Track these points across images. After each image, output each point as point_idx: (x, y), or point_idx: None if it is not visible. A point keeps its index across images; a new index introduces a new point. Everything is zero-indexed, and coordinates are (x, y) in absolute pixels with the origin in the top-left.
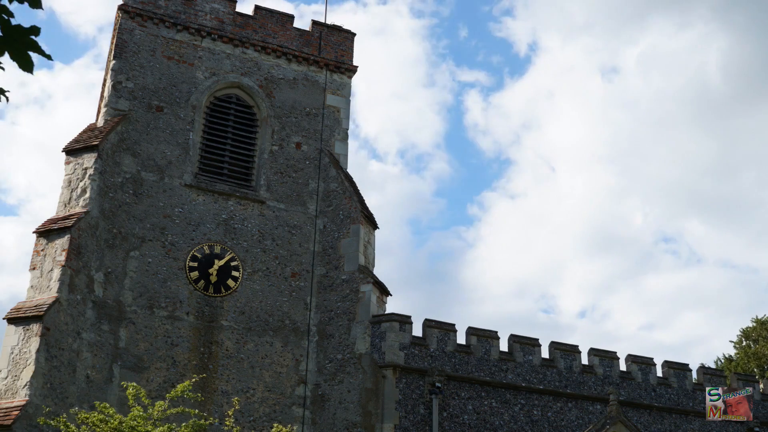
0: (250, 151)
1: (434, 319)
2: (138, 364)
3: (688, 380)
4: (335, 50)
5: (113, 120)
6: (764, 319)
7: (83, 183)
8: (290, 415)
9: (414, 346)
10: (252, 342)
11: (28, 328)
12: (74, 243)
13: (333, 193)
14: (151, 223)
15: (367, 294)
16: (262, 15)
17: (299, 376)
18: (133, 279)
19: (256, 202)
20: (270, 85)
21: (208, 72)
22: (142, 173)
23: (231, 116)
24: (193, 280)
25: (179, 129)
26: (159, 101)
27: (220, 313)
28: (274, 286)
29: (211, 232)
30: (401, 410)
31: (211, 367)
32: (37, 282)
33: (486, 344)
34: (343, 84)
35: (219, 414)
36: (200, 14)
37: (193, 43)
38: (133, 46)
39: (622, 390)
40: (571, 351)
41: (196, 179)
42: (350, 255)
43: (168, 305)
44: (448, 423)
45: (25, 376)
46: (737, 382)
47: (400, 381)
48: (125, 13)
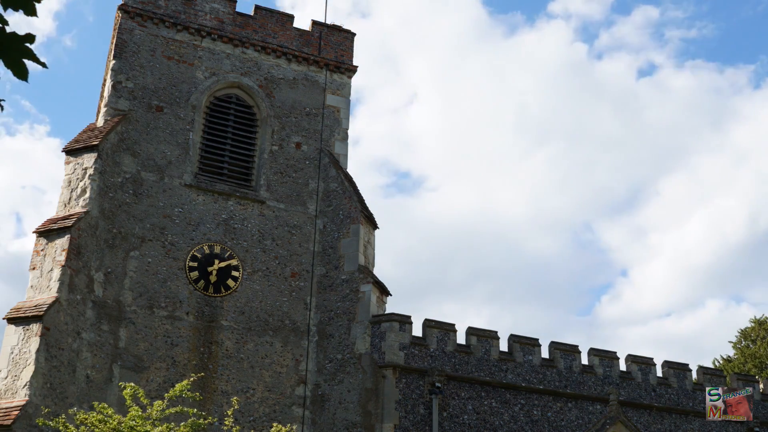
0: (250, 151)
1: (434, 319)
2: (138, 364)
3: (688, 380)
4: (335, 50)
5: (113, 120)
6: (762, 319)
7: (83, 183)
8: (290, 415)
9: (414, 346)
10: (252, 342)
11: (28, 328)
12: (74, 243)
13: (333, 193)
14: (151, 223)
15: (367, 294)
16: (262, 15)
17: (299, 376)
18: (133, 279)
19: (256, 202)
20: (270, 85)
21: (208, 72)
22: (142, 173)
23: (231, 116)
24: (193, 280)
25: (179, 129)
26: (159, 101)
27: (220, 313)
28: (274, 286)
29: (211, 232)
30: (401, 410)
31: (211, 367)
32: (37, 282)
33: (486, 344)
34: (343, 84)
35: (219, 414)
36: (200, 14)
37: (193, 43)
38: (133, 46)
39: (622, 390)
40: (571, 351)
41: (196, 179)
42: (350, 255)
43: (168, 305)
44: (448, 423)
45: (25, 376)
46: (737, 382)
47: (400, 381)
48: (125, 13)
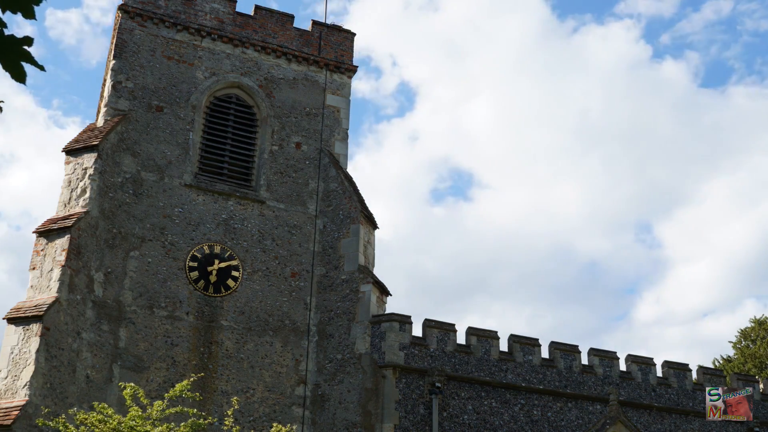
0: (250, 151)
1: (434, 319)
2: (138, 364)
3: (687, 380)
4: (335, 50)
5: (113, 120)
6: (762, 319)
7: (83, 183)
8: (290, 415)
9: (414, 346)
10: (252, 342)
11: (28, 328)
12: (74, 243)
13: (333, 193)
14: (151, 223)
15: (367, 294)
16: (262, 15)
17: (299, 376)
18: (132, 279)
19: (256, 202)
20: (270, 85)
21: (208, 72)
22: (142, 173)
23: (231, 116)
24: (193, 280)
25: (179, 129)
26: (159, 101)
27: (220, 313)
28: (274, 286)
29: (211, 232)
30: (401, 410)
31: (211, 367)
32: (37, 282)
33: (486, 344)
34: (343, 84)
35: (219, 414)
36: (200, 14)
37: (193, 43)
38: (133, 46)
39: (622, 390)
40: (571, 351)
41: (196, 179)
42: (350, 255)
43: (168, 305)
44: (448, 423)
45: (25, 376)
46: (737, 382)
47: (400, 381)
48: (125, 13)
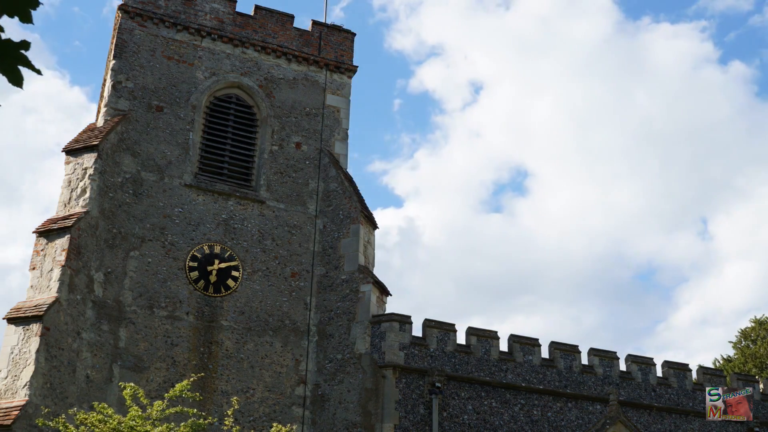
0: (250, 151)
1: (434, 319)
2: (138, 364)
3: (688, 380)
4: (335, 50)
5: (113, 120)
6: (763, 319)
7: (83, 183)
8: (290, 415)
9: (414, 346)
10: (252, 342)
11: (28, 328)
12: (74, 243)
13: (333, 193)
14: (151, 223)
15: (367, 294)
16: (262, 15)
17: (299, 376)
18: (132, 279)
19: (256, 202)
20: (270, 85)
21: (208, 72)
22: (142, 173)
23: (231, 116)
24: (192, 280)
25: (179, 129)
26: (159, 101)
27: (220, 313)
28: (273, 286)
29: (211, 232)
30: (401, 410)
31: (211, 367)
32: (37, 282)
33: (486, 344)
34: (343, 84)
35: (219, 414)
36: (200, 14)
37: (193, 43)
38: (133, 46)
39: (622, 390)
40: (571, 351)
41: (195, 179)
42: (350, 255)
43: (168, 305)
44: (448, 423)
45: (25, 376)
46: (737, 382)
47: (400, 381)
48: (125, 13)
